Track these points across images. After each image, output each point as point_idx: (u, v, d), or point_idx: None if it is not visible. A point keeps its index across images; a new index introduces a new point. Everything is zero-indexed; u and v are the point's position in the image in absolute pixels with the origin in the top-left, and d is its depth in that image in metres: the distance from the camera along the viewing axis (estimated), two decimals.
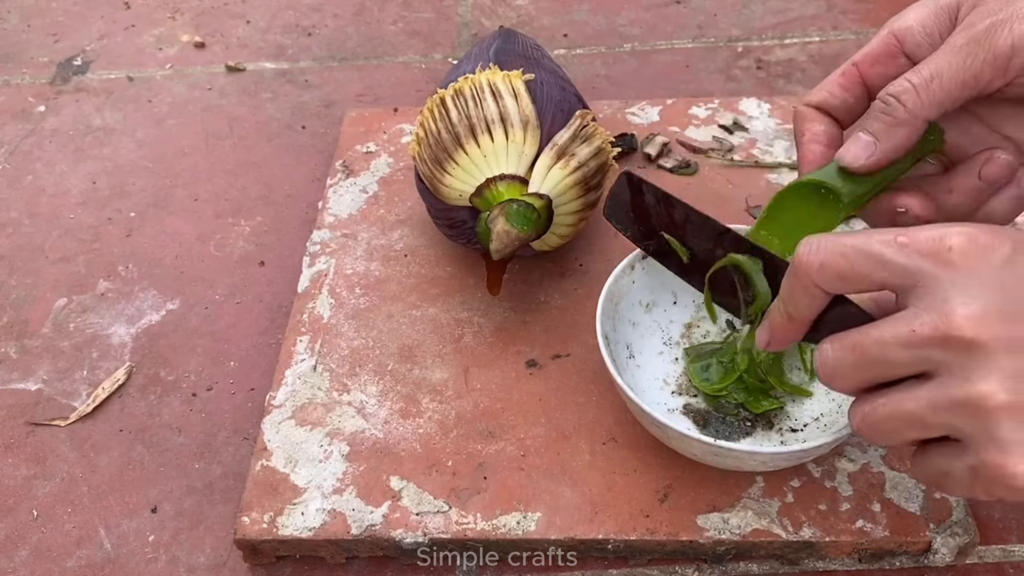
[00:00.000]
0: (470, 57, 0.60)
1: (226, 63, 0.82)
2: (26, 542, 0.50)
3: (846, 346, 0.35)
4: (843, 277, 0.35)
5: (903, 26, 0.43)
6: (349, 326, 0.57)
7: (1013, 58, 0.38)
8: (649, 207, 0.46)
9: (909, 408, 0.34)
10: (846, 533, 0.46)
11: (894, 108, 0.40)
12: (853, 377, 0.36)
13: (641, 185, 0.46)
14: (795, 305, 0.38)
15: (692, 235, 0.45)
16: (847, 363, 0.35)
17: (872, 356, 0.35)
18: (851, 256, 0.35)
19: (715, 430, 0.49)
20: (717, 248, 0.44)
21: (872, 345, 0.34)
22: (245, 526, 0.47)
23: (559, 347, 0.55)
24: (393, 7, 0.89)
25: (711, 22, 0.84)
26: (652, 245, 0.47)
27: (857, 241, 0.35)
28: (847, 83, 0.44)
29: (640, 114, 0.70)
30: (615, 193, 0.48)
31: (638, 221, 0.48)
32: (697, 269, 0.46)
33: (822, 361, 0.36)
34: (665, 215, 0.46)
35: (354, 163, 0.67)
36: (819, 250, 0.35)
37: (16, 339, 0.60)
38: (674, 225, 0.45)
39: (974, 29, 0.39)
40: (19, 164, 0.73)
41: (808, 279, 0.36)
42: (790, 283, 0.37)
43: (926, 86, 0.40)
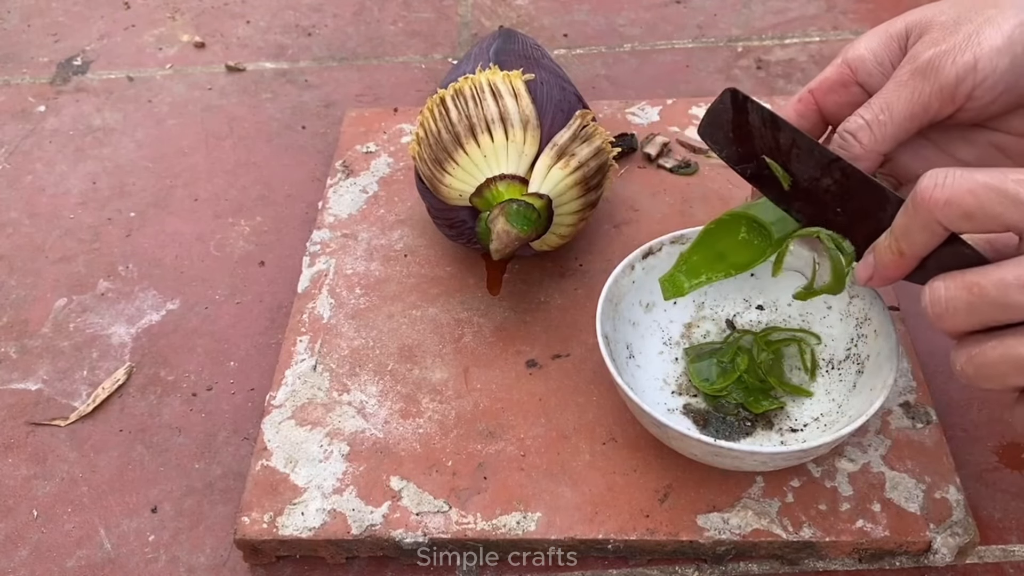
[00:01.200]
0: (470, 57, 0.60)
1: (226, 63, 0.82)
2: (26, 542, 0.50)
3: (962, 285, 0.34)
4: (970, 216, 0.34)
5: (855, 55, 0.44)
6: (349, 326, 0.57)
7: (958, 87, 0.39)
8: (752, 128, 0.44)
9: (1023, 353, 0.33)
10: (846, 533, 0.46)
11: (851, 144, 0.41)
12: (967, 318, 0.35)
13: (746, 103, 0.43)
14: (909, 240, 0.36)
15: (797, 161, 0.43)
16: (962, 303, 0.34)
17: (991, 297, 0.33)
18: (982, 194, 0.33)
19: (715, 430, 0.49)
20: (824, 177, 0.42)
21: (992, 286, 0.33)
22: (245, 526, 0.47)
23: (559, 347, 0.55)
24: (393, 7, 0.89)
25: (711, 22, 0.84)
26: (750, 168, 0.45)
27: (991, 178, 0.33)
28: (804, 109, 0.45)
29: (640, 114, 0.70)
30: (715, 110, 0.45)
31: (737, 142, 0.45)
32: (797, 198, 0.44)
33: (934, 299, 0.35)
34: (770, 138, 0.43)
35: (354, 163, 0.67)
36: (947, 184, 0.34)
37: (16, 339, 0.60)
38: (778, 150, 0.43)
39: (919, 61, 0.40)
40: (19, 164, 0.73)
41: (929, 215, 0.34)
42: (907, 217, 0.36)
43: (878, 122, 0.41)
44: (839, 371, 0.50)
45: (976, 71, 0.39)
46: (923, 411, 0.50)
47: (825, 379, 0.51)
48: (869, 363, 0.48)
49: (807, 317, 0.52)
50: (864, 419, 0.43)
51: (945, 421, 0.51)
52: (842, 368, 0.50)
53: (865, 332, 0.49)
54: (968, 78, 0.39)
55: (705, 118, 0.46)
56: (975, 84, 0.40)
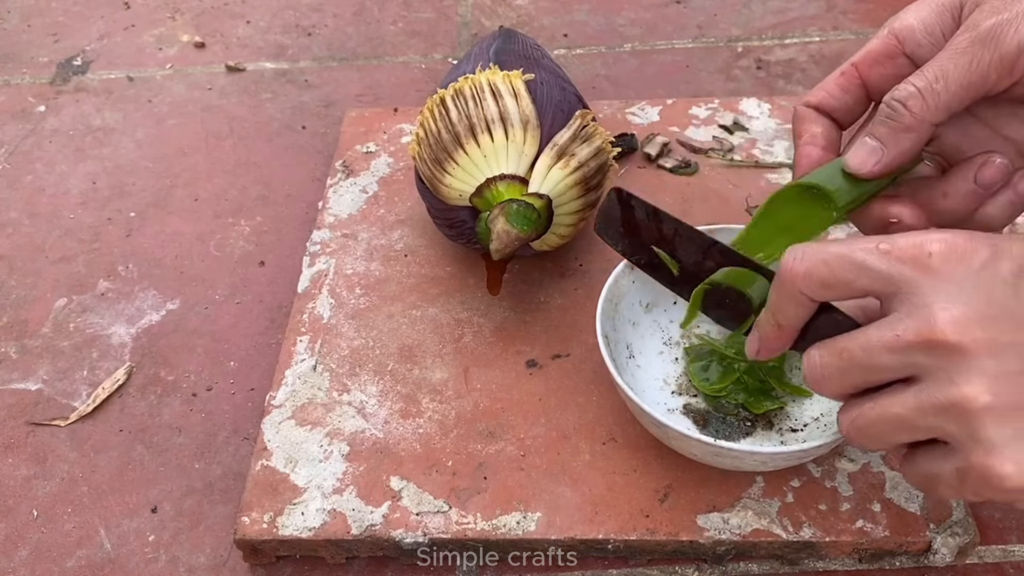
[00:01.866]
0: (470, 57, 0.60)
1: (226, 63, 0.82)
2: (26, 542, 0.50)
3: (833, 352, 0.36)
4: (827, 284, 0.35)
5: (903, 25, 0.42)
6: (349, 326, 0.57)
7: (1020, 58, 0.38)
8: (639, 222, 0.47)
9: (896, 411, 0.34)
10: (846, 533, 0.46)
11: (900, 114, 0.39)
12: (841, 382, 0.36)
13: (631, 200, 0.46)
14: (783, 313, 0.38)
15: (681, 248, 0.45)
16: (834, 368, 0.36)
17: (858, 361, 0.35)
18: (834, 264, 0.35)
19: (715, 430, 0.49)
20: (706, 260, 0.44)
21: (858, 350, 0.35)
22: (245, 526, 0.47)
23: (559, 347, 0.55)
24: (393, 7, 0.89)
25: (711, 22, 0.84)
26: (643, 259, 0.48)
27: (840, 249, 0.35)
28: (846, 84, 0.43)
29: (640, 114, 0.70)
30: (605, 209, 0.48)
31: (628, 236, 0.48)
32: (687, 281, 0.46)
33: (809, 366, 0.37)
34: (655, 229, 0.46)
35: (354, 163, 0.67)
36: (803, 258, 0.36)
37: (16, 339, 0.60)
38: (663, 239, 0.46)
39: (979, 29, 0.38)
40: (19, 164, 0.73)
41: (794, 287, 0.36)
42: (777, 291, 0.38)
43: (931, 90, 0.39)
44: None
45: None
46: None
47: None
48: None
49: None
50: None
51: None
52: None
53: None
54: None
55: (598, 217, 0.49)
56: None
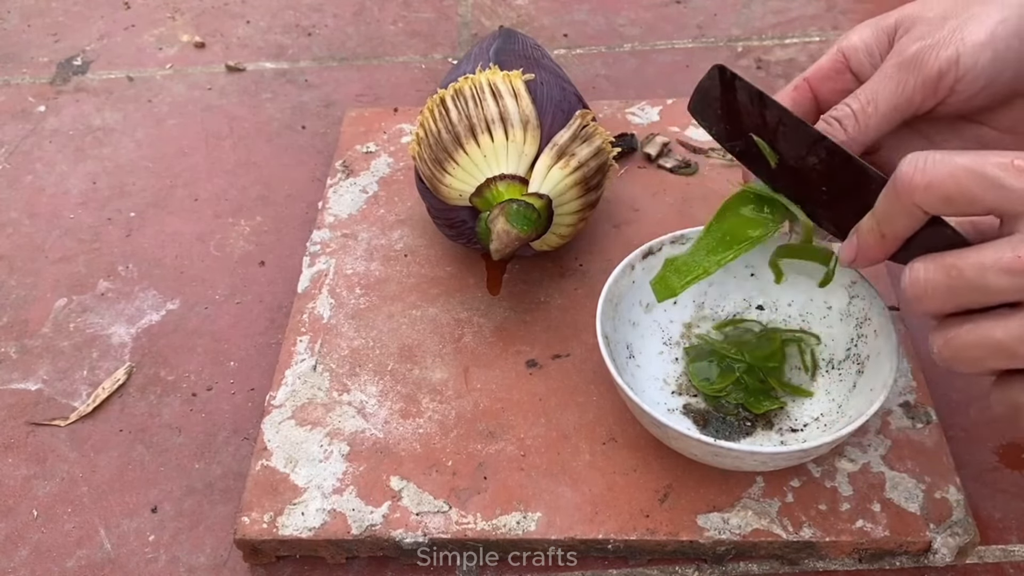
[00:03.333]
0: (470, 57, 0.60)
1: (226, 63, 0.82)
2: (26, 542, 0.50)
3: (941, 267, 0.34)
4: (950, 200, 0.34)
5: (848, 45, 0.44)
6: (349, 326, 0.57)
7: (941, 80, 0.40)
8: (740, 105, 0.44)
9: (998, 337, 0.33)
10: (846, 533, 0.46)
11: (836, 131, 0.42)
12: (944, 300, 0.35)
13: (734, 81, 0.43)
14: (890, 224, 0.36)
15: (784, 139, 0.43)
16: (941, 285, 0.34)
17: (969, 280, 0.33)
18: (963, 178, 0.33)
19: (715, 430, 0.49)
20: (809, 155, 0.42)
21: (970, 268, 0.33)
22: (245, 526, 0.47)
23: (559, 347, 0.55)
24: (393, 7, 0.89)
25: (711, 22, 0.84)
26: (739, 146, 0.45)
27: (969, 161, 0.33)
28: (799, 97, 0.46)
29: (640, 114, 0.70)
30: (704, 88, 0.45)
31: (726, 119, 0.45)
32: (784, 175, 0.44)
33: (913, 280, 0.35)
34: (757, 116, 0.43)
35: (354, 163, 0.67)
36: (927, 169, 0.34)
37: (16, 339, 0.60)
38: (765, 128, 0.43)
39: (904, 55, 0.41)
40: (19, 164, 0.73)
41: (910, 199, 0.34)
42: (888, 200, 0.36)
43: (864, 112, 0.41)
44: (839, 371, 0.50)
45: (958, 65, 0.40)
46: (923, 411, 0.50)
47: (825, 379, 0.51)
48: (869, 363, 0.48)
49: (807, 317, 0.52)
50: (864, 419, 0.43)
51: (945, 421, 0.51)
52: (842, 368, 0.50)
53: (865, 332, 0.49)
54: (950, 72, 0.40)
55: (694, 95, 0.46)
56: (957, 78, 0.40)
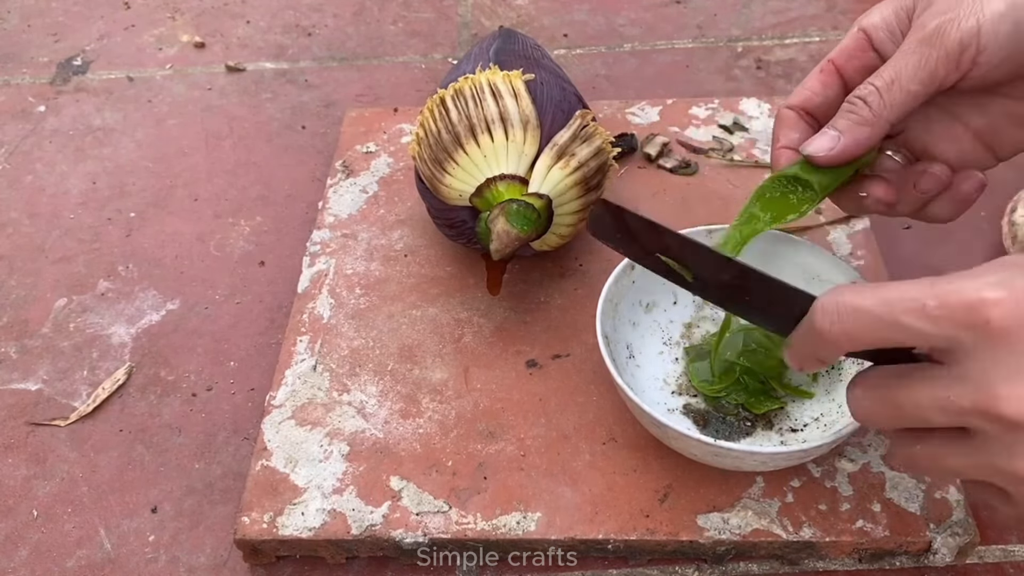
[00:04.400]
0: (470, 57, 0.60)
1: (226, 63, 0.82)
2: (26, 542, 0.50)
3: (879, 397, 0.35)
4: (873, 343, 0.34)
5: (870, 23, 0.45)
6: (349, 326, 0.57)
7: (963, 53, 0.40)
8: (637, 233, 0.43)
9: (951, 464, 0.34)
10: (846, 533, 0.46)
11: (859, 108, 0.42)
12: (889, 424, 0.37)
13: (622, 214, 0.43)
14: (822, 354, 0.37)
15: (692, 259, 0.42)
16: (880, 414, 0.35)
17: (907, 413, 0.34)
18: (878, 328, 0.33)
19: (715, 430, 0.49)
20: (722, 274, 0.41)
21: (907, 402, 0.34)
22: (245, 526, 0.47)
23: (559, 347, 0.55)
24: (393, 7, 0.89)
25: (711, 22, 0.84)
26: (651, 264, 0.44)
27: (880, 308, 0.33)
28: (827, 80, 0.46)
29: (640, 114, 0.70)
30: (597, 217, 0.44)
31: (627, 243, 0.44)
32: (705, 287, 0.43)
33: (855, 407, 0.36)
34: (657, 240, 0.43)
35: (354, 163, 0.67)
36: (839, 319, 0.34)
37: (16, 339, 0.60)
38: (669, 249, 0.42)
39: (925, 30, 0.41)
40: (19, 164, 0.73)
41: (836, 346, 0.35)
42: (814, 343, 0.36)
43: (888, 89, 0.42)
44: (839, 371, 0.50)
45: (980, 36, 0.40)
46: None
47: (825, 379, 0.51)
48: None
49: None
50: None
51: None
52: (842, 368, 0.50)
53: None
54: (972, 44, 0.40)
55: (590, 222, 0.45)
56: (979, 49, 0.40)
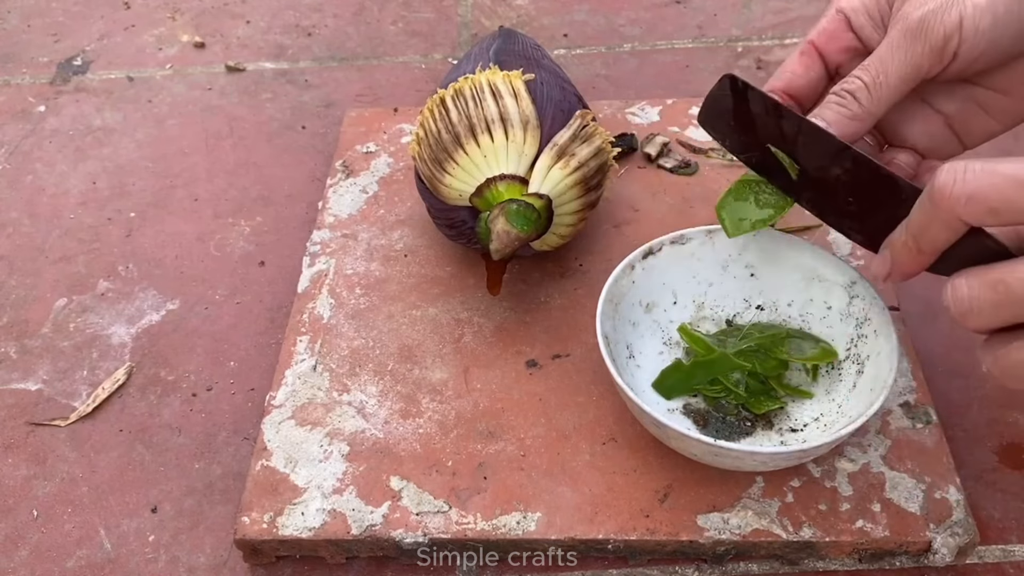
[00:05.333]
0: (470, 57, 0.60)
1: (226, 63, 0.82)
2: (26, 542, 0.50)
3: (986, 283, 0.33)
4: (995, 212, 0.32)
5: (848, 5, 0.45)
6: (349, 326, 0.57)
7: (946, 46, 0.40)
8: (755, 116, 0.42)
9: None
10: (846, 533, 0.46)
11: (849, 103, 0.42)
12: (992, 316, 0.34)
13: (747, 91, 0.42)
14: (928, 237, 0.35)
15: (804, 150, 0.41)
16: (986, 302, 0.33)
17: (1018, 295, 0.32)
18: (1008, 190, 0.32)
19: (715, 430, 0.49)
20: (833, 166, 0.40)
21: (1019, 283, 0.32)
22: (245, 526, 0.47)
23: (559, 347, 0.55)
24: (393, 7, 0.89)
25: (711, 22, 0.84)
26: (755, 157, 0.43)
27: (1015, 170, 0.31)
28: (809, 62, 0.46)
29: (640, 114, 0.70)
30: (714, 98, 0.43)
31: (739, 131, 0.43)
32: (807, 187, 0.42)
33: (956, 297, 0.34)
34: (774, 126, 0.42)
35: (354, 163, 0.67)
36: (968, 180, 0.32)
37: (16, 339, 0.60)
38: (783, 138, 0.41)
39: (910, 21, 0.41)
40: (19, 164, 0.73)
41: (951, 211, 0.33)
42: (925, 213, 0.34)
43: (875, 84, 0.41)
44: (839, 371, 0.50)
45: (962, 29, 0.40)
46: (923, 411, 0.50)
47: (825, 379, 0.51)
48: (869, 363, 0.48)
49: (807, 317, 0.52)
50: (864, 419, 0.43)
51: (945, 421, 0.51)
52: (842, 368, 0.50)
53: (865, 332, 0.49)
54: (954, 36, 0.40)
55: (704, 106, 0.45)
56: (960, 41, 0.40)
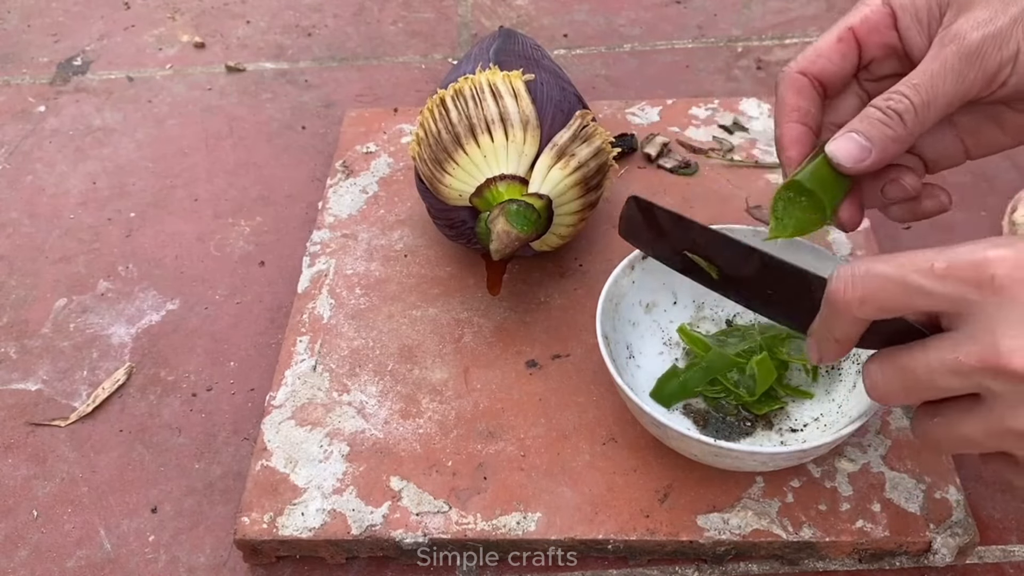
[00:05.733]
0: (470, 57, 0.60)
1: (226, 63, 0.82)
2: (26, 542, 0.50)
3: (894, 369, 0.36)
4: (884, 309, 0.35)
5: (899, 3, 0.43)
6: (349, 326, 0.57)
7: (998, 75, 0.40)
8: (666, 230, 0.45)
9: (965, 432, 0.35)
10: (846, 533, 0.46)
11: (895, 124, 0.41)
12: (904, 397, 0.37)
13: (652, 209, 0.45)
14: (838, 332, 0.37)
15: (716, 254, 0.44)
16: (896, 386, 0.36)
17: (921, 381, 0.35)
18: (889, 289, 0.34)
19: (715, 430, 0.49)
20: (745, 266, 0.43)
21: (920, 370, 0.35)
22: (245, 526, 0.47)
23: (559, 347, 0.55)
24: (393, 7, 0.89)
25: (711, 22, 0.84)
26: (678, 262, 0.46)
27: (892, 271, 0.34)
28: (846, 49, 0.44)
29: (640, 114, 0.70)
30: (627, 217, 0.47)
31: (656, 242, 0.46)
32: (729, 285, 0.44)
33: (871, 382, 0.37)
34: (684, 236, 0.44)
35: (354, 163, 0.67)
36: (855, 285, 0.35)
37: (16, 339, 0.60)
38: (696, 245, 0.44)
39: (966, 42, 0.40)
40: (19, 164, 0.73)
41: (849, 313, 0.36)
42: (830, 315, 0.37)
43: (924, 107, 0.41)
44: (839, 371, 0.50)
45: (1016, 61, 0.39)
46: None
47: (825, 379, 0.51)
48: None
49: None
50: (864, 419, 0.43)
51: None
52: (842, 368, 0.50)
53: None
54: (1008, 67, 0.40)
55: (620, 223, 0.48)
56: (1012, 73, 0.40)
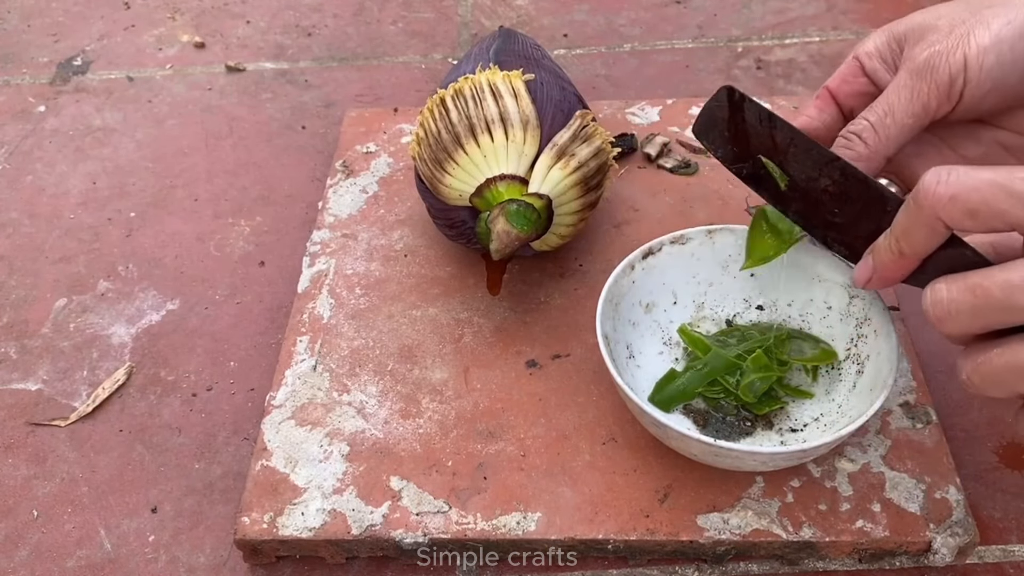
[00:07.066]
0: (470, 57, 0.60)
1: (226, 63, 0.82)
2: (26, 542, 0.50)
3: (965, 287, 0.33)
4: (974, 213, 0.32)
5: (864, 51, 0.46)
6: (349, 326, 0.57)
7: (952, 85, 0.41)
8: (749, 126, 0.43)
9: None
10: (846, 533, 0.46)
11: (855, 144, 0.42)
12: (970, 322, 0.34)
13: (743, 102, 0.43)
14: (910, 240, 0.35)
15: (794, 161, 0.42)
16: (965, 306, 0.33)
17: (996, 300, 0.32)
18: (988, 192, 0.32)
19: (715, 430, 0.49)
20: (821, 177, 0.41)
21: (997, 287, 0.32)
22: (245, 526, 0.47)
23: (559, 347, 0.55)
24: (393, 7, 0.89)
25: (711, 22, 0.84)
26: (746, 168, 0.44)
27: (996, 176, 0.32)
28: (823, 105, 0.47)
29: (640, 114, 0.70)
30: (711, 108, 0.44)
31: (733, 141, 0.44)
32: (795, 198, 0.43)
33: (935, 301, 0.34)
34: (767, 137, 0.43)
35: (354, 163, 0.67)
36: (951, 181, 0.33)
37: (16, 339, 0.60)
38: (775, 149, 0.42)
39: (915, 63, 0.42)
40: (19, 164, 0.73)
41: (932, 212, 0.33)
42: (909, 215, 0.35)
43: (882, 124, 0.42)
44: (839, 371, 0.50)
45: (966, 68, 0.40)
46: (923, 411, 0.50)
47: (825, 379, 0.51)
48: (869, 363, 0.48)
49: (807, 317, 0.52)
50: (864, 419, 0.43)
51: (945, 421, 0.51)
52: (842, 368, 0.50)
53: (865, 332, 0.49)
54: (959, 76, 0.41)
55: (700, 116, 0.46)
56: (966, 81, 0.41)
